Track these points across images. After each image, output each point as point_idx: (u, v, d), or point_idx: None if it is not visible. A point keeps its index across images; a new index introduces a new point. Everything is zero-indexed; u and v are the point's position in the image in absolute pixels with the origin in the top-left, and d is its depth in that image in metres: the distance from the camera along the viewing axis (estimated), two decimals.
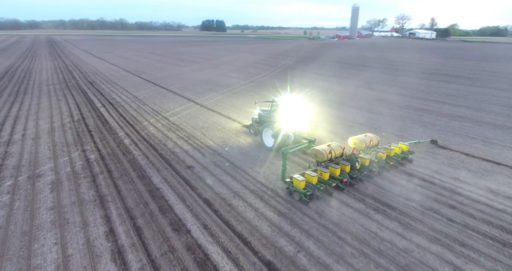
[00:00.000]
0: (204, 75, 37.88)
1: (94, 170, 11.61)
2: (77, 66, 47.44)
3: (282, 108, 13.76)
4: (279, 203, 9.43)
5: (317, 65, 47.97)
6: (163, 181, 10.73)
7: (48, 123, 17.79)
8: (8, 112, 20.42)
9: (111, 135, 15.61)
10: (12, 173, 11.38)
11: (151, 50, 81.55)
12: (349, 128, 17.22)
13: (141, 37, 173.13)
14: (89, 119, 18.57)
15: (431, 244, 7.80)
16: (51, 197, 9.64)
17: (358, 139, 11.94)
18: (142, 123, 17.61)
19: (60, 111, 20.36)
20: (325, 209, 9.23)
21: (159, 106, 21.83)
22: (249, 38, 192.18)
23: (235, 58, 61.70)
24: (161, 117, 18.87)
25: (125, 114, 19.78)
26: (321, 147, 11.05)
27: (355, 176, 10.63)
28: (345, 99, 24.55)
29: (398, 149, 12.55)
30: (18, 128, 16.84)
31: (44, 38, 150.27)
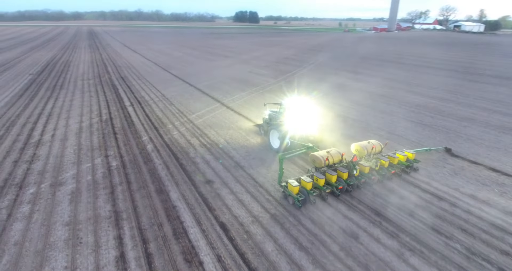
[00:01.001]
0: (234, 72, 37.28)
1: (114, 179, 11.40)
2: (112, 59, 48.80)
3: (289, 111, 13.87)
4: (302, 234, 8.58)
5: (353, 63, 45.59)
6: (181, 198, 10.25)
7: (78, 122, 18.08)
8: (43, 108, 21.10)
9: (135, 139, 15.46)
10: (36, 179, 11.47)
11: (184, 43, 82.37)
12: (379, 138, 15.81)
13: (175, 29, 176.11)
14: (116, 119, 18.66)
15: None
16: (68, 210, 9.50)
17: (360, 146, 11.85)
18: (167, 126, 17.35)
19: (90, 110, 20.70)
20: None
21: (185, 106, 21.54)
22: (282, 30, 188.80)
23: (266, 52, 60.50)
24: (186, 120, 18.52)
25: (151, 114, 19.67)
26: (320, 153, 11.06)
27: (352, 183, 10.66)
28: (379, 103, 22.81)
29: (402, 157, 12.25)
30: (49, 127, 17.25)
31: (86, 29, 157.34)
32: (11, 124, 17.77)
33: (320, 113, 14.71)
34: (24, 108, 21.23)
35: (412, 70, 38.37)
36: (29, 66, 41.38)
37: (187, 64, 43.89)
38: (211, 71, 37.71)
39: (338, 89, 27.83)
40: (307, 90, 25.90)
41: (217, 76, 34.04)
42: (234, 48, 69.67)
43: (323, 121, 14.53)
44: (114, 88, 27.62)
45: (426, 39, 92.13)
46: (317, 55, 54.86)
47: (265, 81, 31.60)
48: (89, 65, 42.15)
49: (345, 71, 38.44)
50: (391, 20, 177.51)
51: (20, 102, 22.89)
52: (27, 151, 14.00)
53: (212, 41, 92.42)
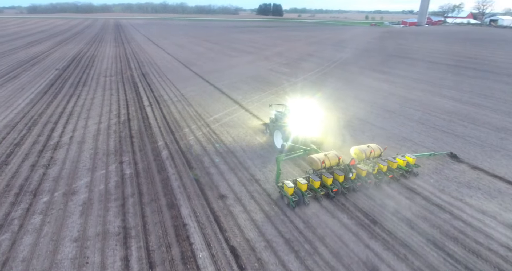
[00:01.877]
0: (254, 70, 36.56)
1: (126, 190, 11.16)
2: (135, 54, 49.31)
3: (293, 113, 14.23)
4: (319, 266, 7.92)
5: (379, 61, 43.58)
6: (192, 214, 9.83)
7: (96, 123, 18.12)
8: (65, 107, 21.39)
9: (150, 144, 15.23)
10: (50, 186, 11.43)
11: (206, 37, 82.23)
12: (405, 150, 14.69)
13: (199, 22, 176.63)
14: (134, 121, 18.55)
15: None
16: (78, 224, 9.32)
17: (359, 149, 12.07)
18: (183, 130, 17.02)
19: (110, 110, 20.75)
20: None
21: (203, 108, 21.15)
22: (306, 23, 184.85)
23: (288, 48, 59.17)
24: (202, 123, 18.12)
25: (168, 116, 19.43)
26: (317, 156, 11.30)
27: (347, 186, 10.96)
28: (407, 109, 21.41)
29: (402, 161, 12.33)
30: (68, 128, 17.38)
31: (112, 22, 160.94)
32: (33, 124, 18.07)
33: (324, 116, 15.12)
34: (47, 106, 21.62)
35: (443, 70, 36.10)
36: (56, 61, 42.53)
37: (208, 61, 43.58)
38: (232, 69, 37.16)
39: (362, 90, 26.49)
40: (327, 92, 24.83)
41: (237, 74, 33.45)
42: (256, 43, 68.69)
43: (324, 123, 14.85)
44: (134, 86, 27.71)
45: (459, 35, 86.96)
46: (341, 52, 52.97)
47: (286, 80, 30.69)
48: (112, 61, 42.76)
49: (371, 70, 36.72)
50: (421, 14, 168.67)
51: (44, 99, 23.36)
52: (45, 154, 14.08)
53: (235, 35, 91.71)
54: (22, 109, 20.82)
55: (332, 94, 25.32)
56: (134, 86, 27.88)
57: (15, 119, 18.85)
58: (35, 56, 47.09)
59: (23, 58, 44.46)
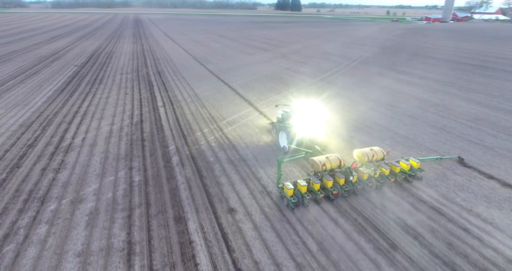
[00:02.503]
0: (271, 68, 35.79)
1: (134, 200, 10.85)
2: (152, 51, 49.45)
3: (298, 114, 14.31)
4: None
5: (401, 60, 41.83)
6: (199, 230, 9.39)
7: (109, 124, 17.99)
8: (80, 106, 21.44)
9: (161, 148, 14.91)
10: (59, 192, 11.26)
11: (223, 33, 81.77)
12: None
13: (217, 17, 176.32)
14: (146, 122, 18.32)
15: None
16: (83, 236, 9.06)
17: (362, 152, 12.07)
18: (195, 134, 16.62)
19: (123, 110, 20.62)
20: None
21: (217, 110, 20.70)
22: (325, 19, 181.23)
23: (306, 45, 57.87)
24: (215, 127, 17.67)
25: (181, 118, 19.10)
26: (318, 158, 11.39)
27: (348, 189, 10.99)
28: (431, 114, 20.21)
29: (405, 165, 12.19)
30: (82, 129, 17.32)
31: (132, 17, 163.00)
32: (48, 123, 18.13)
33: (328, 117, 15.34)
34: (63, 105, 21.74)
35: (469, 71, 34.17)
36: (76, 57, 43.15)
37: (224, 58, 43.11)
38: (248, 67, 36.54)
39: (383, 93, 25.32)
40: (345, 94, 23.73)
41: (253, 73, 32.81)
42: (273, 40, 67.64)
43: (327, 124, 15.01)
44: (149, 85, 27.58)
45: (488, 32, 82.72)
46: (361, 50, 51.28)
47: (302, 81, 29.81)
48: (129, 57, 42.97)
49: (392, 70, 35.22)
50: (446, 9, 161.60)
51: (61, 97, 23.54)
52: (57, 157, 14.00)
53: (252, 31, 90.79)
54: (38, 108, 21.00)
55: (350, 96, 24.30)
56: (149, 84, 27.76)
57: (31, 118, 19.00)
58: (55, 51, 48.01)
59: (44, 54, 45.39)
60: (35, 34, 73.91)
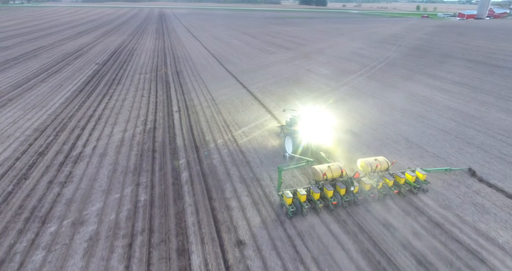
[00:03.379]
0: (292, 70, 34.41)
1: (137, 224, 10.14)
2: (173, 48, 49.15)
3: (304, 120, 14.25)
4: None
5: (432, 63, 39.16)
6: (203, 266, 8.52)
7: (122, 131, 17.50)
8: (95, 110, 21.15)
9: (172, 161, 14.18)
10: (61, 211, 10.75)
11: (245, 30, 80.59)
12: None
13: (240, 12, 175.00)
14: (159, 130, 17.68)
15: None
16: (79, 268, 8.42)
17: (365, 162, 11.83)
18: (208, 146, 15.78)
19: (138, 115, 20.12)
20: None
21: (233, 117, 19.77)
22: (351, 14, 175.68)
23: (330, 44, 55.72)
24: (230, 138, 16.75)
25: (195, 126, 18.33)
26: (320, 167, 11.21)
27: (348, 199, 10.87)
28: (466, 128, 18.30)
29: (410, 177, 11.90)
30: (94, 136, 16.92)
31: (157, 11, 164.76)
32: (62, 128, 17.89)
33: (334, 124, 15.20)
34: (79, 107, 21.55)
35: (509, 78, 31.31)
36: (98, 54, 43.51)
37: (244, 57, 42.07)
38: (268, 68, 35.33)
39: (412, 102, 23.46)
40: (370, 102, 21.89)
41: (273, 75, 31.60)
42: (295, 37, 65.76)
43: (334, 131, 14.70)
44: (167, 86, 27.05)
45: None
46: (388, 50, 48.68)
47: (325, 85, 28.29)
48: (150, 55, 42.82)
49: (422, 74, 32.91)
50: (482, 4, 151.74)
51: (78, 99, 23.42)
52: (65, 168, 13.59)
53: (274, 27, 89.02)
54: (55, 110, 20.90)
55: (376, 105, 22.64)
56: (166, 86, 27.24)
57: (46, 122, 18.85)
58: (80, 48, 48.71)
59: (68, 50, 46.12)
60: (63, 29, 75.74)
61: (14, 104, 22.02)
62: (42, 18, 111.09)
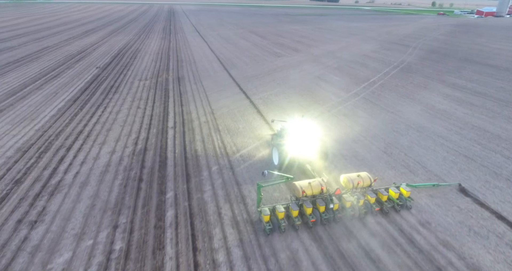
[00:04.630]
0: (300, 77, 32.50)
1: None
2: (178, 50, 47.67)
3: (292, 133, 13.94)
4: None
5: (450, 68, 36.63)
6: None
7: (110, 153, 16.07)
8: (86, 124, 19.80)
9: (158, 195, 12.66)
10: (23, 263, 9.36)
11: (253, 29, 78.58)
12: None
13: (251, 8, 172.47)
14: (150, 152, 16.17)
15: None
16: None
17: (347, 178, 11.69)
18: (201, 174, 14.18)
19: (130, 132, 18.67)
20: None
21: (231, 136, 18.12)
22: (363, 11, 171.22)
23: (340, 46, 53.36)
24: (225, 163, 15.12)
25: (189, 147, 16.76)
26: (300, 183, 11.08)
27: (327, 217, 10.72)
28: (492, 154, 16.21)
29: (394, 193, 11.72)
30: (78, 158, 15.52)
31: (166, 8, 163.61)
32: (46, 148, 16.56)
33: (323, 135, 14.87)
34: (69, 121, 20.25)
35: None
36: (101, 56, 42.35)
37: (250, 61, 40.26)
38: (274, 74, 33.47)
39: (430, 117, 21.36)
40: (382, 117, 19.55)
41: (278, 83, 29.78)
42: (305, 37, 63.48)
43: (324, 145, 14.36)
44: (165, 96, 25.55)
45: None
46: (403, 53, 46.15)
47: (334, 95, 26.32)
48: (153, 58, 41.43)
49: (441, 82, 30.58)
50: (502, 1, 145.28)
51: (71, 110, 22.14)
52: (39, 201, 12.21)
53: (284, 26, 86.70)
54: (43, 125, 19.64)
55: (390, 121, 20.63)
56: (165, 95, 25.74)
57: (32, 139, 17.58)
58: (84, 49, 47.70)
59: (72, 52, 45.13)
60: (71, 28, 75.09)
61: (3, 116, 20.87)
62: (53, 15, 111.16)
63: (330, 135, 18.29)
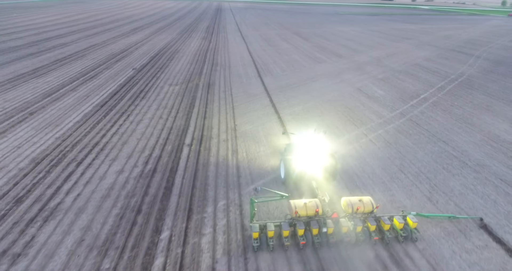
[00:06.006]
0: (339, 88, 29.65)
1: None
2: (216, 52, 46.84)
3: (300, 147, 13.54)
4: None
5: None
6: None
7: (117, 172, 15.13)
8: (104, 135, 19.25)
9: (152, 234, 11.26)
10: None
11: (298, 29, 75.73)
12: None
13: (300, 6, 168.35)
14: (158, 175, 14.94)
15: None
16: None
17: (347, 202, 11.02)
18: (205, 211, 12.56)
19: (144, 147, 17.69)
20: None
21: (249, 161, 16.29)
22: (421, 11, 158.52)
23: (390, 51, 48.79)
24: (235, 199, 13.33)
25: (201, 173, 15.25)
26: (295, 203, 10.83)
27: (319, 241, 10.36)
28: None
29: (398, 224, 10.68)
30: (85, 176, 14.77)
31: (215, 5, 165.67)
32: (58, 161, 16.12)
33: (333, 152, 14.04)
34: (90, 130, 19.88)
35: None
36: (140, 56, 42.87)
37: (288, 67, 38.00)
38: (311, 84, 30.95)
39: (493, 152, 17.64)
40: (431, 150, 16.05)
41: (313, 96, 27.27)
42: (351, 40, 59.33)
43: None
44: (190, 106, 24.43)
45: None
46: (463, 63, 40.67)
47: (375, 115, 23.24)
48: (189, 60, 40.93)
49: (508, 103, 25.93)
50: None
51: (95, 117, 21.88)
52: (31, 229, 11.45)
53: (331, 26, 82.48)
54: (65, 132, 19.45)
55: (441, 154, 17.30)
56: (191, 105, 24.63)
57: (49, 149, 17.32)
58: (127, 47, 48.84)
59: (115, 51, 46.33)
60: (121, 25, 78.19)
61: (32, 120, 21.14)
62: (108, 11, 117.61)
63: (363, 168, 15.67)
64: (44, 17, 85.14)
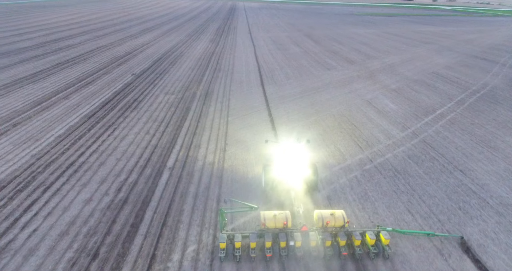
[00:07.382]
0: (346, 100, 27.37)
1: None
2: (221, 56, 45.18)
3: (280, 157, 13.36)
4: None
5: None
6: None
7: (84, 202, 13.57)
8: (83, 152, 17.79)
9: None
10: None
11: (310, 31, 73.19)
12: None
13: (315, 6, 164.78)
14: (127, 208, 13.27)
15: None
16: None
17: (318, 215, 10.92)
18: (170, 259, 10.78)
19: (121, 171, 16.08)
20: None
21: (233, 192, 14.39)
22: (442, 11, 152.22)
23: (405, 57, 45.85)
24: (207, 243, 11.47)
25: (176, 205, 13.50)
26: (264, 214, 10.87)
27: (286, 254, 10.33)
28: None
29: (370, 240, 10.53)
30: (48, 206, 13.27)
31: (229, 5, 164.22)
32: (25, 186, 14.72)
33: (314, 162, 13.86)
34: (69, 146, 18.49)
35: None
36: (143, 60, 41.70)
37: (294, 74, 35.88)
38: (316, 95, 28.78)
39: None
40: (446, 182, 13.55)
41: (318, 109, 25.12)
42: (365, 45, 56.45)
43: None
44: (182, 119, 22.77)
45: None
46: (487, 72, 37.46)
47: (384, 134, 20.91)
48: (192, 65, 39.40)
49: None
50: None
51: (78, 131, 20.52)
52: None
53: (345, 28, 79.43)
54: (43, 148, 18.14)
55: (458, 188, 14.91)
56: (182, 118, 22.96)
57: (19, 170, 15.98)
58: (132, 50, 47.83)
59: (119, 54, 45.36)
60: (132, 25, 77.57)
61: (13, 133, 19.96)
62: (123, 10, 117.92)
63: (364, 205, 13.54)
64: (59, 16, 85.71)
